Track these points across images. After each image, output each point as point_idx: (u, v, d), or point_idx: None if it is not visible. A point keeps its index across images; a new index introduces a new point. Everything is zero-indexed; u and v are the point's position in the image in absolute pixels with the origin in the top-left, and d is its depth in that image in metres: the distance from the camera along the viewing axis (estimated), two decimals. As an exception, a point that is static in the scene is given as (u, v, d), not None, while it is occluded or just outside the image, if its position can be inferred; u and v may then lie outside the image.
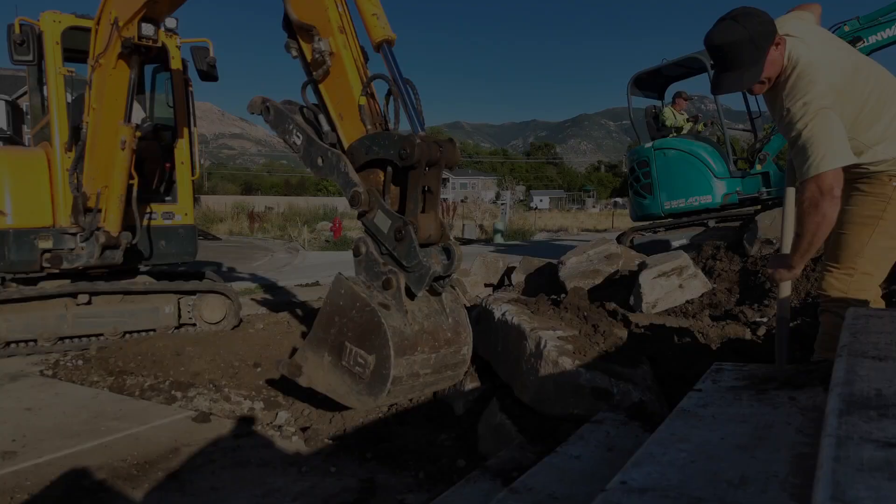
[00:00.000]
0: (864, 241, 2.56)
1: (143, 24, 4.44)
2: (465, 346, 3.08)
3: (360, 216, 3.00)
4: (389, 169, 2.97)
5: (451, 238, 2.98)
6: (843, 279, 2.61)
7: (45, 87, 5.74)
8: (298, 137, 3.29)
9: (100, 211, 5.20)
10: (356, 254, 3.01)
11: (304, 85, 3.35)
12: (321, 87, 3.28)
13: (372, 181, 3.05)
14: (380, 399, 2.81)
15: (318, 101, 3.35)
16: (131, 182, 5.20)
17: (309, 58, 3.24)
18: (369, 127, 3.08)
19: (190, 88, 6.23)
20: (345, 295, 2.91)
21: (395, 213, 2.89)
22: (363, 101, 3.08)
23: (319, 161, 3.19)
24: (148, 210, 5.87)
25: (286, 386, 4.39)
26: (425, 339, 2.88)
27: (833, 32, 7.55)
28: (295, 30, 3.29)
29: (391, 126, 3.04)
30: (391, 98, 3.04)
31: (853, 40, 7.24)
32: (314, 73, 3.24)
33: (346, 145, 3.19)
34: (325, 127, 3.31)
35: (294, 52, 3.35)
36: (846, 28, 7.39)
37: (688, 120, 9.43)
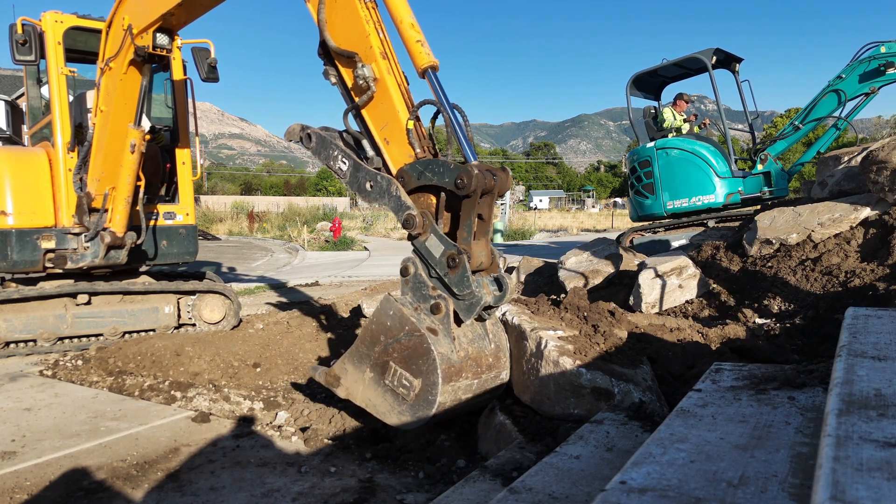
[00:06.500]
0: None
1: (158, 35, 4.39)
2: (504, 371, 3.10)
3: (411, 238, 2.99)
4: (443, 195, 2.96)
5: (501, 267, 2.97)
6: None
7: (43, 87, 5.74)
8: (344, 163, 3.27)
9: (106, 211, 5.20)
10: (404, 274, 3.01)
11: (347, 112, 3.32)
12: (364, 112, 3.25)
13: (422, 204, 3.03)
14: (423, 422, 2.82)
15: (361, 127, 3.32)
16: (138, 184, 5.21)
17: (350, 84, 3.22)
18: (418, 151, 3.06)
19: (190, 89, 6.24)
20: (393, 316, 2.91)
21: (449, 239, 2.87)
22: (411, 125, 3.07)
23: (368, 186, 3.16)
24: (150, 210, 5.87)
25: (285, 385, 4.39)
26: (469, 365, 2.90)
27: (867, 50, 7.49)
28: (334, 57, 3.27)
29: (445, 151, 3.04)
30: (436, 122, 3.06)
31: (886, 65, 7.18)
32: (357, 100, 3.21)
33: (393, 169, 3.17)
34: (370, 152, 3.29)
35: (333, 79, 3.33)
36: (883, 49, 7.32)
37: (686, 120, 9.43)
